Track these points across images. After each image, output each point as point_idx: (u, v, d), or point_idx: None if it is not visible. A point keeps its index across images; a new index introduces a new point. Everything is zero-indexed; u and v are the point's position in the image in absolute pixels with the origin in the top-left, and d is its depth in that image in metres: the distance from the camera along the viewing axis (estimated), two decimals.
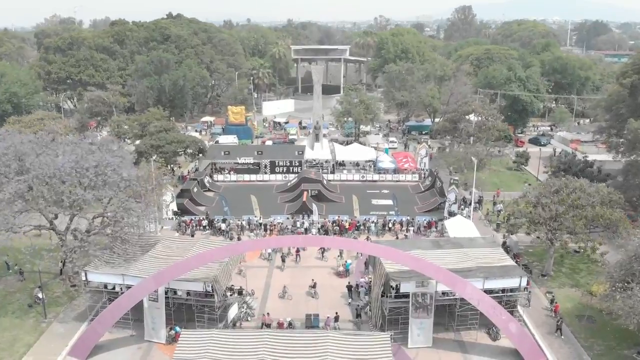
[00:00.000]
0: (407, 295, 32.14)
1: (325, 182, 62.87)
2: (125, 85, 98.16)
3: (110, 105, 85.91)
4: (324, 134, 74.67)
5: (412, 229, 50.26)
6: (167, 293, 33.16)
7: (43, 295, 36.09)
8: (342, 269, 42.04)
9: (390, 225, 50.29)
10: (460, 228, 45.42)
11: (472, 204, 52.54)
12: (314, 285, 39.03)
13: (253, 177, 66.37)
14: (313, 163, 67.29)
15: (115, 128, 71.88)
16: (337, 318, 34.51)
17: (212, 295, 33.12)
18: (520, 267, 38.74)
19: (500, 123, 69.05)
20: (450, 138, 73.21)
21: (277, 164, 66.78)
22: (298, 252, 44.48)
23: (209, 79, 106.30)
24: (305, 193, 55.90)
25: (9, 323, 34.90)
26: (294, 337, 28.45)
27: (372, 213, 53.11)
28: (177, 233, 49.81)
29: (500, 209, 52.85)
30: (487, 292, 31.94)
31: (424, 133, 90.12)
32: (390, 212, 53.36)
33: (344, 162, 68.91)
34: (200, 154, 67.41)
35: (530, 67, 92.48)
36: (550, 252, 41.28)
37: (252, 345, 27.60)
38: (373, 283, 36.54)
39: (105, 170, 37.92)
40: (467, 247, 37.39)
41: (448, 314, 34.43)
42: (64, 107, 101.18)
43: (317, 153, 68.73)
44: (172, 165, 65.94)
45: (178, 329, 32.62)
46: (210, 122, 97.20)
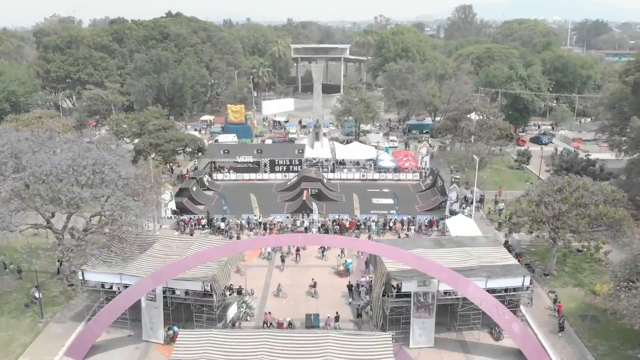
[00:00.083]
0: (408, 295, 31.84)
1: (326, 181, 62.54)
2: (124, 84, 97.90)
3: (109, 104, 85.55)
4: (324, 133, 74.35)
5: (413, 228, 49.93)
6: (165, 292, 32.86)
7: (40, 295, 35.72)
8: (342, 269, 41.67)
9: (391, 224, 49.92)
10: (462, 227, 45.07)
11: (473, 203, 52.22)
12: (314, 285, 38.69)
13: (253, 176, 66.04)
14: (313, 162, 66.98)
15: (114, 126, 71.57)
16: (337, 318, 34.17)
17: (210, 295, 32.82)
18: (523, 266, 38.34)
19: (502, 122, 68.72)
20: (451, 137, 72.96)
21: (276, 163, 66.43)
22: (298, 251, 44.15)
23: (209, 78, 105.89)
24: (305, 192, 55.56)
25: (5, 323, 34.60)
26: (294, 337, 28.12)
27: (372, 212, 52.80)
28: (176, 232, 49.53)
29: (502, 208, 52.52)
30: (489, 291, 31.59)
31: (425, 132, 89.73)
32: (391, 211, 53.05)
33: (344, 161, 68.59)
34: (200, 153, 67.17)
35: (531, 65, 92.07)
36: (553, 251, 40.96)
37: (251, 346, 27.28)
38: (374, 282, 36.16)
39: (103, 169, 37.51)
40: (469, 246, 37.05)
41: (450, 314, 34.11)
42: (63, 105, 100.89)
43: (317, 152, 68.41)
44: (171, 164, 65.57)
45: (176, 329, 32.34)
46: (210, 120, 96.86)
